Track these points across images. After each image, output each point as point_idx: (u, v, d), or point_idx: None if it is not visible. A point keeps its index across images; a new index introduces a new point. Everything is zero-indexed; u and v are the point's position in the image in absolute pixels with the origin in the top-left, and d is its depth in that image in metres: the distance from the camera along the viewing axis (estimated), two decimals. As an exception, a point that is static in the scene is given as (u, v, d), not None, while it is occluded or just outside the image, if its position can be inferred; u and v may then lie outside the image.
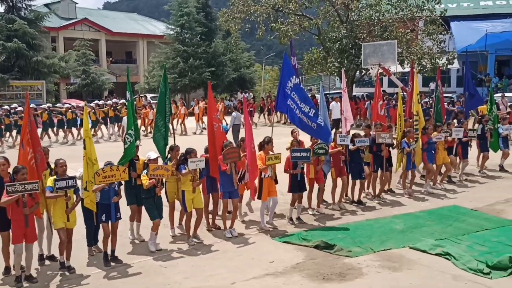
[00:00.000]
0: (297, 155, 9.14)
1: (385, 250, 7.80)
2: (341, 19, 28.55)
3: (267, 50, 69.61)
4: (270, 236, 8.70)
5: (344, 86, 12.06)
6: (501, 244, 7.87)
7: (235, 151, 8.64)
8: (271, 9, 28.71)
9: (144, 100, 31.29)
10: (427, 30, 27.62)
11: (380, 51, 22.81)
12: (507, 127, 13.68)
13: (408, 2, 26.92)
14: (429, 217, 9.60)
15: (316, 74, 39.11)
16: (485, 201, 10.57)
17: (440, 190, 11.68)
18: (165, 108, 8.99)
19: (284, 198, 10.20)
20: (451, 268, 7.05)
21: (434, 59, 27.04)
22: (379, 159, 10.87)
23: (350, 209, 10.34)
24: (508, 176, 13.04)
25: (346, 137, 10.35)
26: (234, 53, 42.53)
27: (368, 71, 27.62)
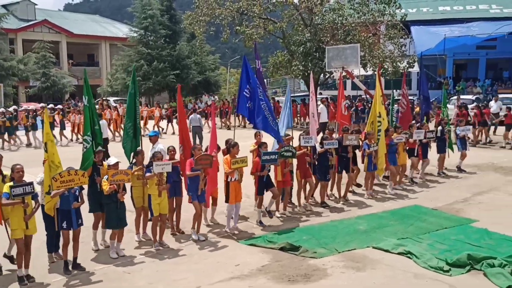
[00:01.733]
0: (267, 158, 9.19)
1: (349, 250, 7.91)
2: (305, 22, 28.87)
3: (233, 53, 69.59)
4: (236, 239, 8.68)
5: (312, 90, 12.17)
6: (460, 242, 8.11)
7: (207, 158, 8.59)
8: (235, 12, 28.75)
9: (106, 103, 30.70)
10: (388, 34, 28.27)
11: (344, 55, 23.16)
12: (463, 128, 14.10)
13: (370, 7, 27.49)
14: (392, 217, 9.79)
15: (281, 77, 39.36)
16: (445, 201, 10.87)
17: (402, 190, 11.94)
18: (135, 111, 8.85)
19: (251, 201, 10.22)
20: (413, 266, 7.21)
21: (396, 62, 27.70)
22: (344, 160, 11.02)
23: (315, 210, 10.43)
24: (466, 176, 13.45)
25: (310, 139, 10.45)
26: (199, 56, 42.36)
27: (332, 74, 28.01)
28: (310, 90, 12.28)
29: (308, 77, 27.24)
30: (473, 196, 11.27)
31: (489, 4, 38.91)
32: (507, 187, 12.04)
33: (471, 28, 33.72)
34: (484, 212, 9.88)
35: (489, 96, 30.24)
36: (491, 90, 33.06)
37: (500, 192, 11.55)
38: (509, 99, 24.58)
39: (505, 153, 17.00)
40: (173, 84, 37.94)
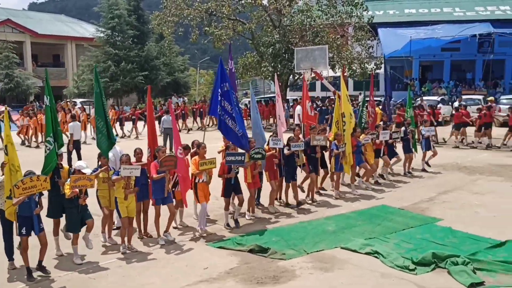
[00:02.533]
0: (232, 159, 9.14)
1: (318, 251, 7.94)
2: (274, 24, 28.99)
3: (202, 54, 69.21)
4: (205, 241, 8.61)
5: (278, 91, 12.21)
6: (426, 240, 8.25)
7: (171, 159, 8.49)
8: (204, 13, 28.65)
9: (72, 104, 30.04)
10: (356, 36, 28.68)
11: (312, 56, 23.31)
12: (428, 129, 14.38)
13: (338, 8, 27.83)
14: (360, 217, 9.89)
15: (250, 78, 39.39)
16: (411, 200, 11.05)
17: (369, 190, 12.08)
18: (104, 109, 8.71)
19: (219, 203, 10.16)
20: (380, 266, 7.29)
21: (363, 64, 28.11)
22: (313, 161, 11.08)
23: (284, 211, 10.45)
24: (431, 176, 13.73)
25: (279, 141, 10.47)
26: (168, 57, 42.00)
27: (301, 75, 28.21)
28: (276, 92, 12.33)
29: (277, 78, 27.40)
30: (438, 195, 11.50)
31: (452, 7, 39.94)
32: (470, 186, 12.34)
33: (436, 30, 34.54)
34: (449, 211, 10.10)
35: (453, 97, 31.00)
36: (455, 91, 33.90)
37: (464, 191, 11.82)
38: (472, 100, 25.27)
39: (468, 153, 17.45)
40: (142, 85, 37.47)
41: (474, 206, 10.49)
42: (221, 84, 9.78)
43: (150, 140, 9.33)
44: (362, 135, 12.11)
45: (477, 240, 8.18)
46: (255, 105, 11.05)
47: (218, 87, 9.84)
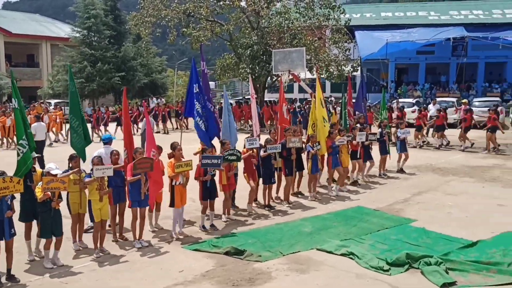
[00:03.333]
0: (208, 162, 9.10)
1: (294, 253, 7.96)
2: (252, 25, 29.03)
3: (180, 55, 68.94)
4: (181, 244, 8.55)
5: (252, 93, 12.24)
6: (400, 241, 8.35)
7: (147, 161, 8.41)
8: (182, 14, 28.50)
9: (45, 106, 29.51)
10: (333, 39, 28.91)
11: (290, 58, 23.39)
12: (403, 131, 14.58)
13: (315, 11, 28.00)
14: (336, 218, 9.96)
15: (228, 80, 39.35)
16: (386, 201, 11.18)
17: (345, 192, 12.18)
18: (79, 108, 8.57)
19: (196, 205, 10.11)
20: (355, 267, 7.34)
21: (341, 66, 28.35)
22: (289, 163, 11.12)
23: (261, 213, 10.45)
24: (406, 177, 13.91)
25: (255, 141, 10.48)
26: (145, 58, 41.64)
27: (279, 77, 28.28)
28: (250, 93, 12.36)
29: (255, 80, 27.46)
30: (413, 196, 11.66)
31: (427, 11, 40.63)
32: (444, 187, 12.55)
33: (411, 33, 35.11)
34: (423, 212, 10.25)
35: (428, 99, 31.51)
36: (430, 94, 34.48)
37: (438, 192, 12.01)
38: (445, 102, 25.72)
39: (442, 154, 17.75)
40: (118, 86, 37.07)
41: (447, 207, 10.67)
42: (194, 84, 9.81)
43: (127, 142, 9.23)
44: (337, 136, 12.19)
45: (449, 240, 8.32)
46: (227, 107, 11.04)
47: (192, 88, 9.84)
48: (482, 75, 36.93)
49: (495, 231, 8.71)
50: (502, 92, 34.34)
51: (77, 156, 8.22)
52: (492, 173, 14.13)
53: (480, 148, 18.50)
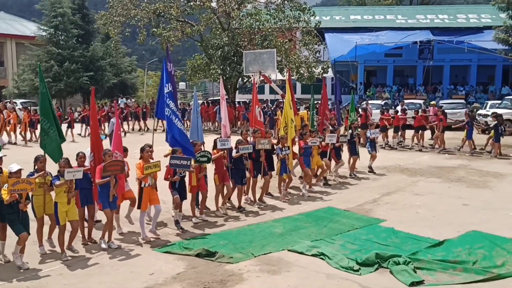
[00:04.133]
0: (176, 162, 9.02)
1: (265, 254, 7.96)
2: (223, 26, 29.00)
3: (150, 55, 68.24)
4: (150, 247, 8.45)
5: (222, 94, 12.23)
6: (370, 241, 8.47)
7: (117, 164, 8.28)
8: (152, 14, 28.25)
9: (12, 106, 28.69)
10: (303, 40, 29.17)
11: (261, 59, 23.51)
12: (374, 131, 14.85)
13: (286, 13, 28.19)
14: (307, 219, 10.02)
15: (199, 80, 39.16)
16: (356, 202, 11.32)
17: (316, 193, 12.28)
18: (51, 109, 8.36)
19: (166, 207, 10.03)
20: (325, 267, 7.40)
21: (311, 68, 28.61)
22: (258, 164, 11.14)
23: (232, 215, 10.43)
24: (376, 178, 14.13)
25: (227, 141, 10.46)
26: (114, 58, 41.03)
27: (250, 78, 28.36)
28: (221, 94, 12.35)
29: (226, 81, 27.46)
30: (382, 196, 11.85)
31: (395, 15, 41.46)
32: (412, 187, 12.80)
33: (379, 36, 35.77)
34: (391, 212, 10.42)
35: (396, 101, 32.12)
36: (398, 96, 35.16)
37: (406, 193, 12.24)
38: (413, 104, 26.27)
39: (410, 155, 18.10)
40: (87, 86, 36.41)
41: (415, 206, 10.88)
42: (165, 84, 9.73)
43: (94, 144, 9.06)
44: (309, 137, 12.29)
45: (417, 240, 8.48)
46: (196, 108, 11.00)
47: (164, 88, 9.75)
48: (447, 78, 37.90)
49: (460, 231, 8.93)
50: (466, 94, 35.31)
51: (42, 157, 8.00)
52: (457, 173, 14.50)
53: (451, 149, 18.97)
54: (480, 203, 10.99)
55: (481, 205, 10.83)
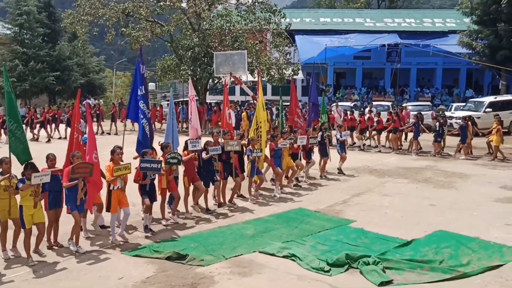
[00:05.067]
0: (147, 165, 8.92)
1: (236, 256, 7.95)
2: (193, 27, 28.83)
3: (119, 55, 67.30)
4: (120, 250, 8.31)
5: (191, 95, 12.16)
6: (340, 242, 8.55)
7: (86, 166, 8.11)
8: (121, 13, 27.82)
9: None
10: (274, 42, 29.28)
11: (231, 61, 23.45)
12: (344, 133, 15.02)
13: (256, 15, 28.24)
14: (278, 220, 10.05)
15: (169, 81, 38.83)
16: (327, 203, 11.42)
17: (287, 194, 12.33)
18: (16, 109, 8.13)
19: (136, 209, 9.90)
20: (296, 268, 7.43)
21: (281, 69, 28.73)
22: (228, 166, 11.11)
23: (203, 217, 10.37)
24: (346, 179, 14.29)
25: (197, 143, 10.40)
26: (82, 57, 40.24)
27: (220, 79, 28.27)
28: (190, 95, 12.29)
29: (197, 82, 27.29)
30: (351, 197, 11.99)
31: (364, 18, 42.10)
32: (380, 188, 13.00)
33: (348, 39, 36.26)
34: (361, 213, 10.56)
35: (365, 103, 32.61)
36: (367, 98, 35.71)
37: (375, 193, 12.43)
38: (381, 106, 26.72)
39: (378, 156, 18.39)
40: (53, 86, 35.61)
41: (384, 207, 11.06)
42: (138, 87, 9.61)
43: (71, 145, 8.91)
44: (280, 139, 12.34)
45: (386, 240, 8.62)
46: (172, 110, 10.90)
47: (136, 90, 9.64)
48: (414, 80, 38.73)
49: (427, 230, 9.12)
50: (432, 96, 36.16)
51: (7, 159, 7.78)
52: (424, 174, 14.81)
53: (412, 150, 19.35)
54: (446, 203, 11.25)
55: (447, 205, 11.09)
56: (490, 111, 23.21)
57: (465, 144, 17.85)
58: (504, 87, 32.50)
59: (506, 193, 12.20)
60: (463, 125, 17.88)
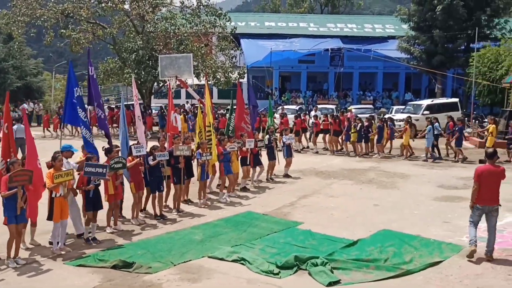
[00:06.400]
0: (91, 170, 8.62)
1: (185, 262, 7.84)
2: (137, 30, 28.30)
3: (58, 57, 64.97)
4: (62, 260, 7.97)
5: (135, 94, 11.92)
6: (288, 244, 8.63)
7: (25, 174, 7.72)
8: (60, 14, 26.87)
9: None
10: (220, 46, 29.27)
11: (177, 64, 23.24)
12: (288, 137, 15.20)
13: (202, 18, 28.12)
14: (226, 224, 10.01)
15: (112, 85, 37.88)
16: (274, 205, 11.50)
17: (235, 197, 12.32)
18: None
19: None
20: (246, 272, 7.42)
21: (227, 73, 28.75)
22: (178, 171, 10.96)
23: (150, 223, 10.15)
24: (292, 181, 14.46)
25: (142, 147, 10.19)
26: (18, 60, 38.56)
27: (166, 83, 27.90)
28: (134, 98, 12.06)
29: (141, 85, 26.79)
30: (299, 199, 12.15)
31: (307, 23, 42.93)
32: (326, 190, 13.26)
33: (293, 43, 36.84)
34: (308, 214, 10.70)
35: (310, 106, 33.21)
36: (311, 101, 36.37)
37: (321, 195, 12.66)
38: (326, 109, 27.30)
39: (323, 159, 18.75)
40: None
41: (330, 208, 11.27)
42: (74, 89, 9.30)
43: (5, 151, 8.46)
44: (228, 143, 12.31)
45: (333, 240, 8.79)
46: (123, 116, 10.65)
47: (72, 92, 9.31)
48: (356, 84, 39.88)
49: (372, 230, 9.38)
50: (374, 99, 37.37)
51: None
52: (368, 175, 15.24)
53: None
54: (389, 203, 11.64)
55: (390, 205, 11.47)
56: (427, 113, 24.26)
57: (381, 143, 18.79)
58: (440, 90, 34.13)
59: (443, 192, 12.78)
60: (379, 126, 18.69)
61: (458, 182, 13.79)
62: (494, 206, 7.85)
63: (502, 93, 24.69)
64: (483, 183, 7.82)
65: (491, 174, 7.84)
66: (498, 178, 7.88)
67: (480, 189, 7.82)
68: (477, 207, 7.90)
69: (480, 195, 7.83)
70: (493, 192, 7.83)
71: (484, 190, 7.81)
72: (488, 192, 7.81)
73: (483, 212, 7.90)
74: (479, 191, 7.83)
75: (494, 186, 7.84)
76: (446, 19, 30.91)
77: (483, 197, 7.82)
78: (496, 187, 7.86)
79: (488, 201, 7.83)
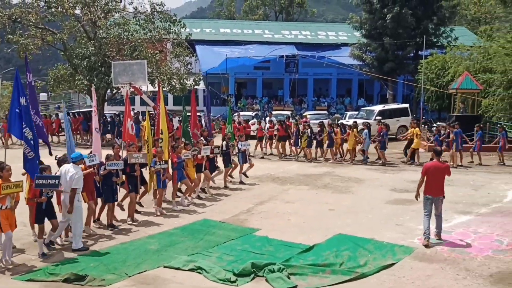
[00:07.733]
0: (43, 182, 8.32)
1: (140, 272, 7.68)
2: (89, 35, 27.66)
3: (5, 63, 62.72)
4: (11, 275, 7.63)
5: (94, 105, 11.64)
6: (245, 251, 8.61)
7: None
8: (7, 19, 25.88)
9: None
10: (174, 52, 29.02)
11: (131, 70, 22.79)
12: (244, 143, 15.22)
13: (156, 24, 27.81)
14: (182, 233, 9.89)
15: (63, 91, 36.81)
16: (231, 212, 11.47)
17: (191, 205, 12.20)
18: None
19: (28, 230, 9.20)
20: (203, 281, 7.35)
21: (183, 79, 28.54)
22: (133, 179, 10.75)
23: (104, 233, 9.89)
24: (249, 187, 14.48)
25: (94, 157, 9.94)
26: (-38, 66, 36.81)
27: (119, 90, 27.35)
28: (93, 105, 11.77)
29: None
30: (255, 206, 12.16)
31: (262, 30, 43.34)
32: (283, 195, 13.35)
33: (248, 50, 37.10)
34: (265, 221, 10.73)
35: (266, 112, 33.45)
36: (267, 107, 36.65)
37: (278, 201, 12.73)
38: (281, 115, 27.57)
39: (279, 165, 18.90)
40: None
41: (287, 214, 11.35)
42: (20, 98, 8.94)
43: None
44: (183, 150, 12.19)
45: (290, 246, 8.84)
46: (67, 124, 10.35)
47: (16, 102, 8.94)
48: (311, 90, 40.53)
49: (328, 234, 9.51)
50: (328, 105, 38.08)
51: None
52: (323, 180, 15.47)
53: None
54: (344, 208, 11.85)
55: (344, 209, 11.67)
56: (379, 118, 24.93)
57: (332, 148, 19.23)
58: (391, 96, 35.19)
59: (396, 195, 13.14)
60: (330, 132, 19.12)
61: (409, 185, 14.21)
62: (440, 197, 9.02)
63: (449, 99, 25.74)
64: (430, 176, 8.97)
65: (437, 169, 9.03)
66: (443, 173, 9.06)
67: (428, 182, 8.97)
68: (426, 197, 8.99)
69: (428, 187, 8.98)
70: (439, 184, 9.02)
71: (432, 183, 8.96)
72: (435, 184, 8.97)
73: (432, 202, 8.96)
74: (428, 184, 8.97)
75: (440, 179, 9.03)
76: (396, 27, 31.99)
77: (431, 189, 8.96)
78: (441, 181, 9.06)
79: (435, 192, 8.97)
